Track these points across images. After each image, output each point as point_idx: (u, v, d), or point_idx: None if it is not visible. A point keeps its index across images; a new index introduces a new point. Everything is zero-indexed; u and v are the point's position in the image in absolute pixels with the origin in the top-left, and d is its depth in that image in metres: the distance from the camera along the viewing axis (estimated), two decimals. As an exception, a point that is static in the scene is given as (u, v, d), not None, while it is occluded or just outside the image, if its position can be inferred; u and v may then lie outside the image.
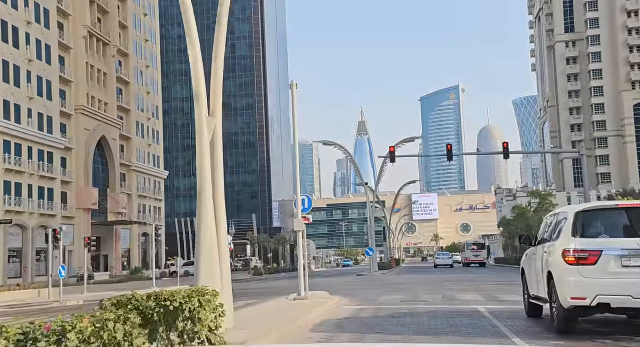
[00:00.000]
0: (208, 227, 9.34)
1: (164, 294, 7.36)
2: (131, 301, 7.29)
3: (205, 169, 9.54)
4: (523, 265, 12.23)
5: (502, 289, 21.48)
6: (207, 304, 7.53)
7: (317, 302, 15.59)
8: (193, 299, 7.38)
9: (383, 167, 48.01)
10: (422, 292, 20.78)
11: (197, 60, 9.82)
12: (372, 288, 24.68)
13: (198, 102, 9.79)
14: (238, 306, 16.88)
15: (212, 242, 9.33)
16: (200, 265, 9.36)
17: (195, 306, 7.37)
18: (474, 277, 33.95)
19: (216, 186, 9.79)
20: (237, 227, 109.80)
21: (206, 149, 9.62)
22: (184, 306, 7.28)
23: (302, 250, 17.88)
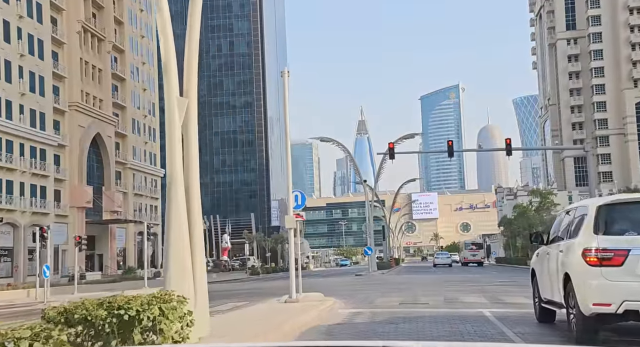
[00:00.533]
0: (179, 223, 8.21)
1: (117, 301, 6.25)
2: (78, 309, 6.19)
3: (176, 156, 8.43)
4: (533, 265, 11.11)
5: (506, 290, 20.39)
6: (170, 312, 6.42)
7: (309, 305, 14.48)
8: (153, 306, 6.28)
9: (382, 164, 46.92)
10: (422, 293, 19.67)
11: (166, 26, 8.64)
12: (369, 289, 23.58)
13: (167, 79, 8.67)
14: (224, 309, 15.79)
15: (183, 240, 8.21)
16: (169, 267, 8.22)
17: (156, 314, 6.27)
18: (476, 277, 32.89)
19: (190, 176, 8.67)
20: (235, 226, 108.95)
21: (177, 133, 8.51)
22: (142, 314, 6.18)
23: (294, 249, 16.75)
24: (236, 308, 16.01)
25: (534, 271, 10.98)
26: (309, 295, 17.79)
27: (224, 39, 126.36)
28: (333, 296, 18.86)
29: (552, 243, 9.99)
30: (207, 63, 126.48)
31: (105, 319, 6.08)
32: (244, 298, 20.88)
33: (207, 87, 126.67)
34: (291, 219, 15.94)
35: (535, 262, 10.98)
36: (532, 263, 11.23)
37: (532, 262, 11.32)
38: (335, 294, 19.72)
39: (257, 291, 26.73)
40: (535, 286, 10.84)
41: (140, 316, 6.13)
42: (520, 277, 31.99)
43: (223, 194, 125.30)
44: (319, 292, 20.07)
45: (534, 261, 11.16)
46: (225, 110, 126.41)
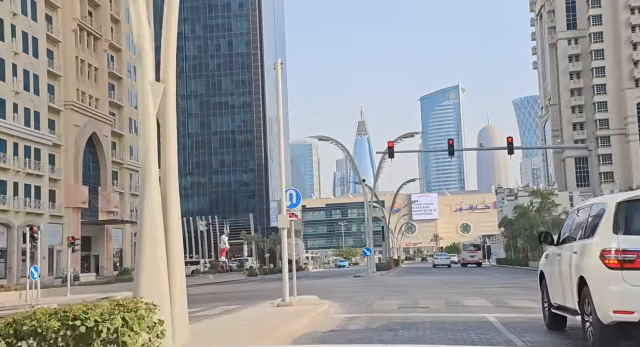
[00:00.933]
0: (153, 221, 7.40)
1: (73, 311, 5.45)
2: (27, 320, 5.40)
3: (151, 146, 7.63)
4: (542, 268, 10.30)
5: (509, 292, 19.60)
6: (136, 322, 5.63)
7: (303, 309, 13.69)
8: (115, 316, 5.48)
9: (381, 163, 46.13)
10: (422, 296, 18.88)
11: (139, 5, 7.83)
12: (367, 291, 22.78)
13: (141, 62, 7.87)
14: (214, 313, 15.00)
15: (157, 239, 7.40)
16: (140, 269, 7.41)
17: (118, 325, 5.48)
18: (477, 279, 32.11)
19: (167, 169, 7.88)
20: (234, 227, 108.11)
21: (151, 121, 7.72)
22: (101, 325, 5.38)
23: (288, 250, 15.96)
24: (226, 312, 15.22)
25: (543, 273, 10.19)
26: (304, 298, 17.01)
27: (222, 38, 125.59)
28: (329, 298, 18.08)
29: (563, 244, 9.22)
30: (205, 62, 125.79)
31: (58, 331, 5.29)
32: (237, 301, 20.10)
33: (205, 87, 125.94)
34: (284, 218, 15.15)
35: (544, 265, 10.18)
36: (541, 265, 10.42)
37: (540, 265, 10.51)
38: (332, 297, 18.93)
39: (252, 293, 25.94)
40: (545, 290, 10.05)
41: (99, 328, 5.34)
42: (523, 278, 31.19)
43: (221, 194, 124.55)
44: (315, 294, 19.32)
45: (542, 263, 10.36)
46: (224, 110, 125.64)
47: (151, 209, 7.39)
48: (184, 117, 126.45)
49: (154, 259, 7.31)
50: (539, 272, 10.52)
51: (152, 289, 7.13)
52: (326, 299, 17.81)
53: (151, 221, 7.37)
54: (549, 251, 10.03)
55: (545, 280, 10.07)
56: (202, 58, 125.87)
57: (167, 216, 7.60)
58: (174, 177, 7.85)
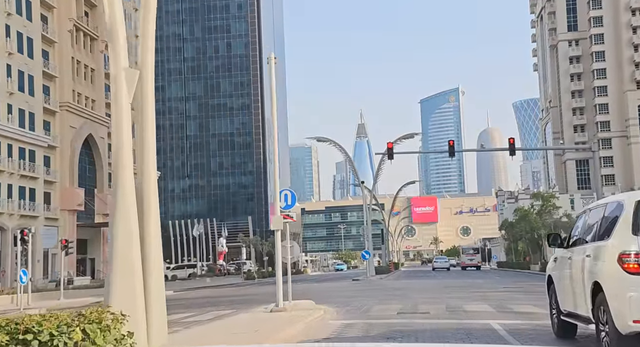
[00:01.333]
0: (126, 219, 6.72)
1: (25, 322, 4.78)
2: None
3: (124, 137, 6.98)
4: (550, 272, 9.63)
5: (512, 297, 18.92)
6: (99, 335, 4.96)
7: (297, 315, 13.02)
8: (74, 328, 4.82)
9: (381, 164, 45.48)
10: (422, 300, 18.20)
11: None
12: (366, 295, 22.10)
13: (113, 47, 7.21)
14: (205, 319, 14.33)
15: (131, 240, 6.72)
16: (112, 274, 6.72)
17: (77, 338, 4.81)
18: (477, 283, 31.40)
19: (144, 164, 7.23)
20: (232, 230, 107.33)
21: (124, 110, 7.07)
22: (57, 340, 4.72)
23: (281, 253, 15.30)
24: (218, 318, 14.55)
25: (551, 278, 9.52)
26: (299, 303, 16.35)
27: (221, 40, 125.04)
28: (326, 303, 17.42)
29: (574, 246, 8.57)
30: (204, 64, 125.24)
31: (6, 346, 4.62)
32: (231, 306, 19.43)
33: (204, 89, 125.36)
34: (278, 219, 14.49)
35: (552, 269, 9.51)
36: (549, 269, 9.75)
37: (548, 269, 9.84)
38: (329, 302, 18.27)
39: (248, 297, 25.26)
40: (553, 295, 9.38)
41: (55, 342, 4.68)
42: (525, 282, 30.53)
43: (220, 197, 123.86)
44: (311, 299, 18.66)
45: (551, 266, 9.69)
46: (223, 112, 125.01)
47: (125, 210, 6.71)
48: (182, 119, 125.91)
49: (128, 263, 6.63)
50: (546, 277, 9.86)
51: (125, 295, 6.47)
52: (322, 303, 17.15)
53: (125, 223, 6.70)
54: (557, 253, 9.37)
55: (553, 285, 9.41)
56: (200, 60, 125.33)
57: (144, 217, 6.93)
58: (153, 174, 7.18)
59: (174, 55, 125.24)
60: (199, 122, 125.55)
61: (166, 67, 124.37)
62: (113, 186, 7.05)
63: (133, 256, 6.67)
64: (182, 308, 19.64)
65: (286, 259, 16.69)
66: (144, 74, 7.16)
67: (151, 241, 6.97)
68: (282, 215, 16.62)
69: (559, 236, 9.15)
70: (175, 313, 17.26)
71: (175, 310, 18.75)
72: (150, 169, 7.16)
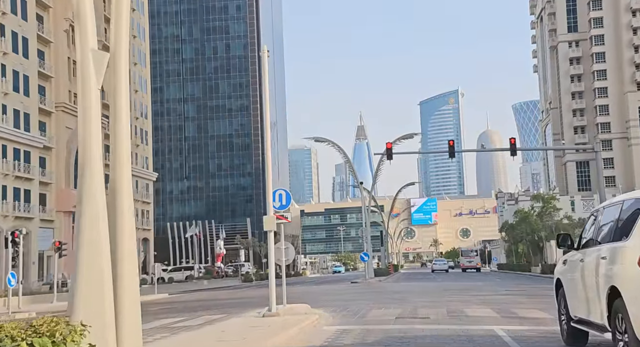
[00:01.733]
0: (94, 219, 6.06)
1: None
2: None
3: (92, 127, 6.34)
4: (559, 276, 8.99)
5: (516, 301, 18.27)
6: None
7: (291, 320, 12.38)
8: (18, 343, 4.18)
9: (380, 165, 44.84)
10: (422, 304, 17.56)
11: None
12: (364, 298, 21.45)
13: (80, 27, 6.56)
14: (194, 324, 13.67)
15: (99, 242, 6.03)
16: (76, 280, 6.03)
17: (25, 353, 4.16)
18: (478, 286, 30.77)
19: (117, 159, 6.59)
20: (231, 231, 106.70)
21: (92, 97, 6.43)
22: (-1, 354, 4.07)
23: (274, 254, 14.65)
24: (209, 323, 13.90)
25: (560, 282, 8.88)
26: (294, 307, 15.71)
27: (220, 41, 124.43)
28: (322, 307, 16.78)
29: (586, 247, 7.94)
30: (202, 65, 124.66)
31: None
32: (225, 309, 18.78)
33: (202, 90, 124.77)
34: (271, 220, 13.85)
35: (562, 272, 8.87)
36: (558, 272, 9.11)
37: (557, 272, 9.20)
38: (325, 305, 17.63)
39: (243, 300, 24.61)
40: (562, 300, 8.74)
41: (-4, 358, 4.04)
42: (527, 285, 29.90)
43: (219, 198, 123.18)
44: (308, 302, 18.03)
45: (560, 269, 9.04)
46: (221, 113, 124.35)
47: (93, 211, 6.04)
48: (180, 120, 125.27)
49: (96, 268, 5.95)
50: (554, 280, 9.22)
51: (91, 304, 5.80)
52: (318, 307, 16.51)
53: (93, 222, 6.04)
54: (567, 256, 8.73)
55: (562, 289, 8.77)
56: (199, 61, 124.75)
57: (117, 218, 6.28)
58: (126, 170, 6.53)
59: (172, 56, 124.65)
60: (198, 123, 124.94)
61: (164, 69, 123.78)
62: (79, 183, 6.39)
63: (102, 261, 5.99)
64: (174, 312, 19.01)
65: (280, 262, 16.06)
66: (117, 57, 6.52)
67: (124, 245, 6.31)
68: (277, 215, 15.99)
69: (569, 237, 8.52)
70: (166, 317, 16.63)
71: (167, 314, 18.12)
72: (124, 164, 6.52)
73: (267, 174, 14.49)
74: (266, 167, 14.38)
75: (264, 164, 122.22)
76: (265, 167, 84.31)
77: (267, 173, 14.46)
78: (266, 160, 14.59)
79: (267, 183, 14.48)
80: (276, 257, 16.08)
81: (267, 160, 14.46)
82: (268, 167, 14.36)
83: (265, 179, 73.53)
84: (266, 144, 14.10)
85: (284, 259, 15.90)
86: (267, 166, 14.35)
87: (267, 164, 14.33)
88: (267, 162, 14.35)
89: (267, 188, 14.41)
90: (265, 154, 13.60)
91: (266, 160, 14.57)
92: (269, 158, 14.36)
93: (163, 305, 23.80)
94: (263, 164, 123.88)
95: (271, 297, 13.70)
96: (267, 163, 14.35)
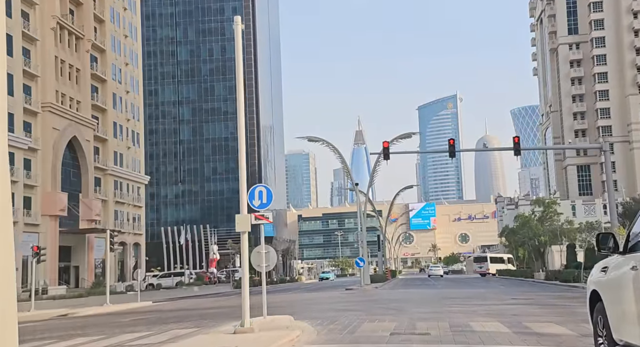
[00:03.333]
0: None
1: None
2: None
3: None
4: (596, 287, 7.03)
5: (525, 312, 16.31)
6: None
7: (264, 337, 10.43)
8: None
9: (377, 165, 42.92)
10: (421, 316, 15.60)
11: None
12: (356, 308, 19.48)
13: None
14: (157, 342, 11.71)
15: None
16: None
17: None
18: (481, 293, 28.78)
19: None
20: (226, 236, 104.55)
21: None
22: None
23: (246, 260, 12.72)
24: (171, 340, 11.94)
25: (598, 294, 6.93)
26: (276, 319, 13.76)
27: (215, 43, 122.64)
28: (308, 318, 14.85)
29: (635, 252, 6.04)
30: (197, 68, 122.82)
31: None
32: (199, 321, 16.83)
33: (197, 93, 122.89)
34: (244, 219, 11.91)
35: (601, 282, 6.91)
36: (594, 282, 7.15)
37: (592, 281, 7.24)
38: (312, 316, 15.68)
39: (224, 309, 22.62)
40: (601, 319, 6.81)
41: None
42: (534, 292, 27.95)
43: (214, 202, 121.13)
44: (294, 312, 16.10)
45: (597, 278, 7.08)
46: (217, 116, 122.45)
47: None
48: (175, 123, 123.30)
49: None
50: (588, 292, 7.28)
51: None
52: (304, 319, 14.57)
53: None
54: (609, 261, 6.80)
55: (601, 304, 6.82)
56: (194, 63, 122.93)
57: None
58: (4, 166, 4.57)
59: (167, 58, 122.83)
60: (193, 126, 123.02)
61: (159, 71, 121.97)
62: None
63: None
64: (144, 324, 17.06)
65: (260, 267, 14.13)
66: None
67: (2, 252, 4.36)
68: (256, 215, 14.08)
69: (613, 237, 6.60)
70: (132, 331, 14.71)
71: (134, 327, 16.18)
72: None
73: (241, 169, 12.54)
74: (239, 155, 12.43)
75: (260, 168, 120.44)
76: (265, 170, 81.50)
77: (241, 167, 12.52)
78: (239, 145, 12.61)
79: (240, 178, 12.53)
80: (255, 262, 14.16)
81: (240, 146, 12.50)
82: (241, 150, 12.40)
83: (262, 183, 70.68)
84: (239, 120, 12.16)
85: (264, 265, 13.96)
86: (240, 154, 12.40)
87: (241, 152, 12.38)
88: (241, 149, 12.39)
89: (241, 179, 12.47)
90: (239, 133, 11.67)
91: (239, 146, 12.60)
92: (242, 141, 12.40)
93: (138, 315, 21.83)
94: (259, 168, 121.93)
95: (244, 309, 11.74)
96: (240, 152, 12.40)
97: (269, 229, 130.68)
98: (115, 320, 19.31)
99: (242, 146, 12.31)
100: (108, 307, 28.92)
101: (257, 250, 14.07)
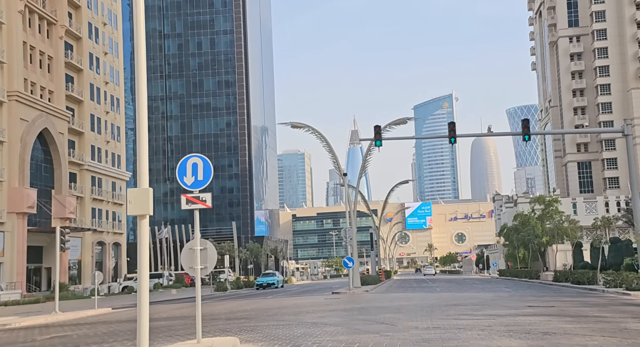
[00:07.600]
0: None
1: None
2: None
3: None
4: None
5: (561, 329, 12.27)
6: None
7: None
8: None
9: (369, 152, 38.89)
10: (418, 335, 11.60)
11: None
12: (334, 321, 15.45)
13: None
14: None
15: None
16: None
17: None
18: (488, 298, 24.79)
19: None
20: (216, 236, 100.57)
21: None
22: None
23: (145, 258, 8.71)
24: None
25: None
26: (214, 342, 9.80)
27: (204, 36, 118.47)
28: (262, 340, 10.87)
29: None
30: (186, 62, 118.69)
31: None
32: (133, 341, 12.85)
33: (186, 88, 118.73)
34: (142, 195, 7.89)
35: None
36: None
37: None
38: (269, 336, 11.69)
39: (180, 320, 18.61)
40: None
41: None
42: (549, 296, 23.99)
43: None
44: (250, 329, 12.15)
45: None
46: (206, 112, 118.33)
47: None
48: (163, 119, 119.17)
49: None
50: None
51: None
52: (257, 342, 10.61)
53: None
54: None
55: None
56: (182, 57, 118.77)
57: None
58: None
59: (154, 52, 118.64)
60: (181, 122, 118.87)
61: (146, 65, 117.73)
62: None
63: None
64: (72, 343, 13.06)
65: (194, 271, 10.15)
66: None
67: None
68: (188, 197, 10.11)
69: None
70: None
71: None
72: None
73: (139, 119, 8.59)
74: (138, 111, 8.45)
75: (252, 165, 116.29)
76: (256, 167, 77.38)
77: (139, 117, 8.56)
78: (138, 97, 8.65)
79: (138, 132, 8.58)
80: (188, 263, 10.18)
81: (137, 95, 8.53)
82: (140, 108, 8.44)
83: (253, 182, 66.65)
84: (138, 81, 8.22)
85: (199, 267, 9.98)
86: (139, 109, 8.42)
87: (140, 103, 8.40)
88: (140, 101, 8.42)
89: (139, 142, 8.52)
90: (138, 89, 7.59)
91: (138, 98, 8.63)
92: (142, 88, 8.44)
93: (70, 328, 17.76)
94: (250, 166, 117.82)
95: (139, 334, 7.71)
96: (138, 99, 8.42)
97: (263, 228, 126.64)
98: (30, 337, 15.29)
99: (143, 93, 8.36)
100: (55, 315, 24.94)
101: (190, 246, 10.08)
